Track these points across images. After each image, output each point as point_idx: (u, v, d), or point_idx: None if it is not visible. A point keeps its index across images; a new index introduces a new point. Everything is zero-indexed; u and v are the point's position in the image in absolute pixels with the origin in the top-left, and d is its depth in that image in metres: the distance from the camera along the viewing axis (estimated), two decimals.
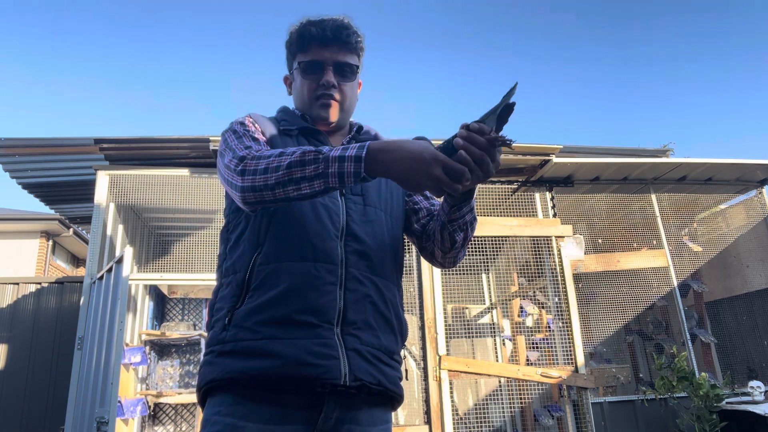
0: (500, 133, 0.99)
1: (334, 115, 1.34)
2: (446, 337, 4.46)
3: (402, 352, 1.32)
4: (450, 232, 1.24)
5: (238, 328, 1.12)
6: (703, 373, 4.52)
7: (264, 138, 1.27)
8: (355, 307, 1.16)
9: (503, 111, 0.98)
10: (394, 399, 1.25)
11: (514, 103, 0.97)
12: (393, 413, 1.31)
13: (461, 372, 4.37)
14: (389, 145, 1.02)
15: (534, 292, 5.17)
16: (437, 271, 4.54)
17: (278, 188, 1.05)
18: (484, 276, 6.17)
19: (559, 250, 4.81)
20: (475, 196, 1.19)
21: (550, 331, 4.87)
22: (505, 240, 5.08)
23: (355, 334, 1.15)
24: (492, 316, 5.95)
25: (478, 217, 1.29)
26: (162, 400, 5.05)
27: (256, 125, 1.30)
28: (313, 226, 1.18)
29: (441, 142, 1.04)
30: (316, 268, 1.14)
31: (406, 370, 4.32)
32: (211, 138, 4.60)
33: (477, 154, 0.98)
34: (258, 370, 1.07)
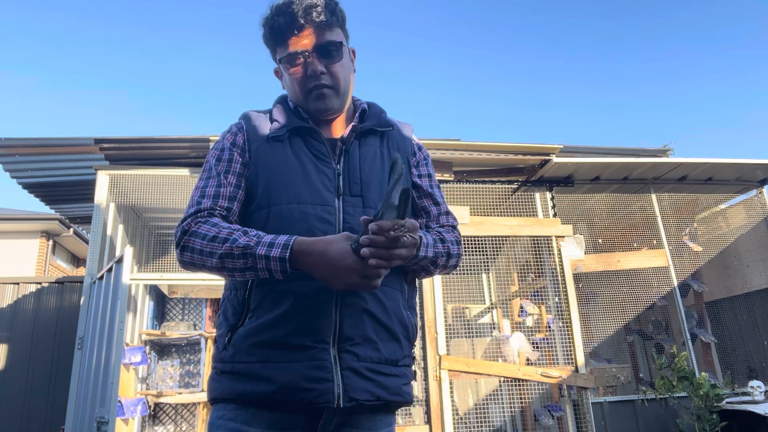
0: (402, 218, 0.99)
1: (331, 103, 1.28)
2: (446, 337, 4.46)
3: (413, 351, 1.31)
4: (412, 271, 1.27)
5: (236, 348, 1.15)
6: (703, 373, 4.52)
7: (241, 160, 1.26)
8: (352, 323, 1.14)
9: (401, 197, 0.96)
10: (399, 403, 1.24)
11: (408, 189, 0.97)
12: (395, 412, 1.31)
13: (461, 372, 4.37)
14: (312, 247, 1.06)
15: (534, 288, 5.17)
16: None
17: (215, 271, 1.14)
18: (484, 276, 6.17)
19: (559, 250, 4.81)
20: (422, 253, 1.17)
21: (550, 330, 4.87)
22: (505, 240, 5.07)
23: (353, 351, 1.13)
24: (492, 316, 5.95)
25: (478, 218, 1.28)
26: (162, 400, 5.05)
27: (237, 144, 1.28)
28: None
29: (354, 241, 1.03)
30: (310, 287, 1.12)
31: (415, 371, 4.31)
32: (211, 138, 4.60)
33: (384, 255, 1.01)
34: (254, 394, 1.11)
